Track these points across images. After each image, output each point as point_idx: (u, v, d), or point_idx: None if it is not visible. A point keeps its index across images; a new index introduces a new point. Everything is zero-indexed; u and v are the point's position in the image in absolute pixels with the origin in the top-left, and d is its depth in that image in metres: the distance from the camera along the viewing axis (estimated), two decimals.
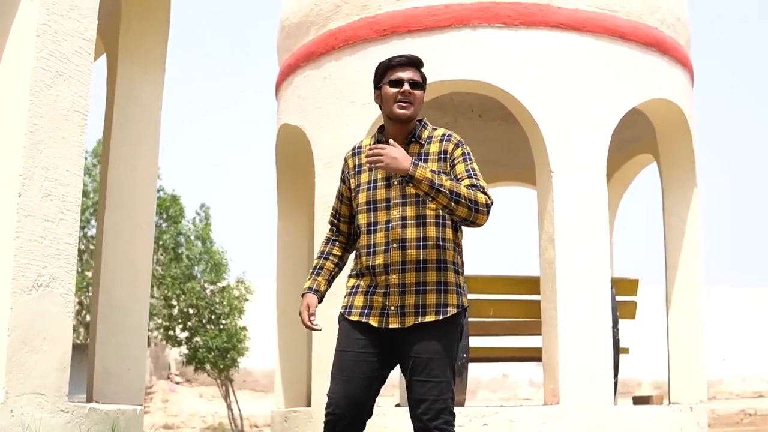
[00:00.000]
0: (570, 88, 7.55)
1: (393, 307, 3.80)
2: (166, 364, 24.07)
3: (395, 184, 3.87)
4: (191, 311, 18.42)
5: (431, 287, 3.80)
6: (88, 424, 4.90)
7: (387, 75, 3.93)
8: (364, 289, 3.90)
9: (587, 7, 7.68)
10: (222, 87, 61.95)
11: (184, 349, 18.93)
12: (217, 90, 61.69)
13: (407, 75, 3.90)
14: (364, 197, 3.94)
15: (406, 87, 3.87)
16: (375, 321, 3.82)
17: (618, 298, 7.95)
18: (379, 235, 3.86)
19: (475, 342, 7.98)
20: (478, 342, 8.15)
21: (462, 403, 7.46)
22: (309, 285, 4.07)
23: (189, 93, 58.13)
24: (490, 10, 7.59)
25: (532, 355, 8.24)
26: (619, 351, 7.79)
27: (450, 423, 3.72)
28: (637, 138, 9.71)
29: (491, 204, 3.79)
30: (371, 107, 7.05)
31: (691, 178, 8.54)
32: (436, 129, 4.01)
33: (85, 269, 18.21)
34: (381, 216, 3.88)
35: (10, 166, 4.59)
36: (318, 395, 7.57)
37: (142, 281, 6.32)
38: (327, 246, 4.17)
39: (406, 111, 3.88)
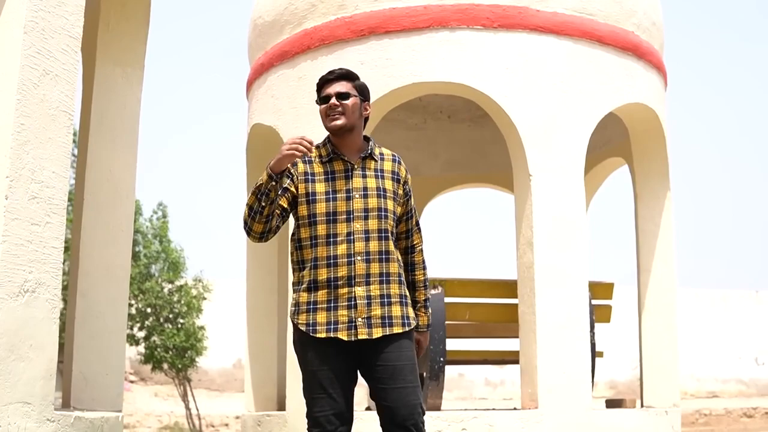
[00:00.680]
0: (548, 91, 7.53)
1: (360, 319, 3.87)
2: None
3: (357, 197, 3.95)
4: (149, 310, 18.20)
5: (395, 299, 3.95)
6: None
7: (319, 94, 4.10)
8: (323, 305, 3.91)
9: (565, 11, 7.67)
10: (181, 79, 61.40)
11: (141, 348, 18.71)
12: (177, 83, 61.14)
13: (334, 89, 4.04)
14: (323, 208, 3.96)
15: (333, 101, 4.02)
16: (344, 335, 3.87)
17: (593, 301, 7.95)
18: (341, 247, 3.91)
19: (451, 345, 7.93)
20: (453, 345, 8.10)
21: (438, 407, 7.43)
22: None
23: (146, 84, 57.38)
24: (468, 12, 7.54)
25: (508, 358, 8.22)
26: (595, 354, 7.80)
27: (424, 422, 3.92)
28: (607, 141, 9.73)
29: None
30: None
31: (665, 182, 8.57)
32: (381, 147, 4.18)
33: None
34: (341, 228, 3.93)
35: None
36: (293, 400, 7.47)
37: (120, 284, 6.18)
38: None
39: (337, 121, 4.01)
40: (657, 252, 8.48)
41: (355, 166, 4.02)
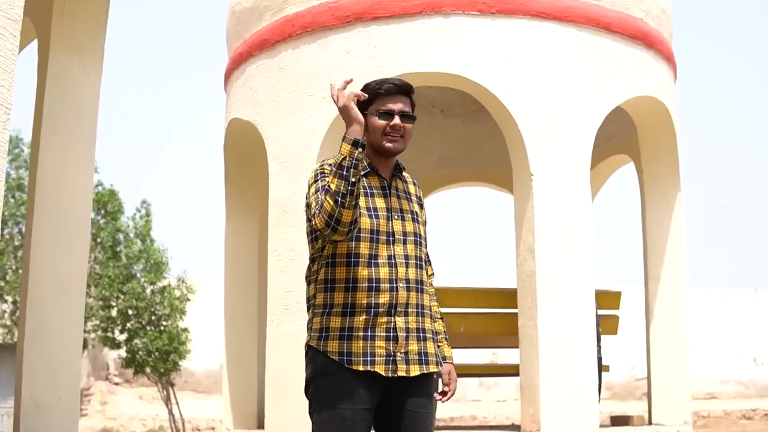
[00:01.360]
0: (551, 82, 6.95)
1: (399, 354, 3.41)
2: (104, 364, 23.28)
3: (396, 218, 3.55)
4: (130, 312, 17.58)
5: (429, 335, 3.55)
6: None
7: (375, 103, 3.57)
8: (360, 333, 3.38)
9: None
10: (164, 74, 60.76)
11: (122, 352, 18.11)
12: (159, 77, 60.49)
13: (398, 106, 3.58)
14: (367, 224, 3.45)
15: (396, 121, 3.56)
16: (382, 369, 3.40)
17: (599, 312, 7.35)
18: (384, 271, 3.44)
19: None
20: None
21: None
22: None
23: (127, 81, 56.90)
24: None
25: (507, 372, 7.65)
26: (602, 369, 7.21)
27: None
28: (611, 137, 9.11)
29: None
30: (331, 101, 6.37)
31: (675, 182, 7.99)
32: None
33: (20, 267, 17.30)
34: (382, 250, 3.48)
35: None
36: (273, 419, 6.86)
37: (75, 297, 5.56)
38: None
39: (397, 145, 3.58)
40: (666, 258, 7.89)
41: (391, 184, 3.63)
